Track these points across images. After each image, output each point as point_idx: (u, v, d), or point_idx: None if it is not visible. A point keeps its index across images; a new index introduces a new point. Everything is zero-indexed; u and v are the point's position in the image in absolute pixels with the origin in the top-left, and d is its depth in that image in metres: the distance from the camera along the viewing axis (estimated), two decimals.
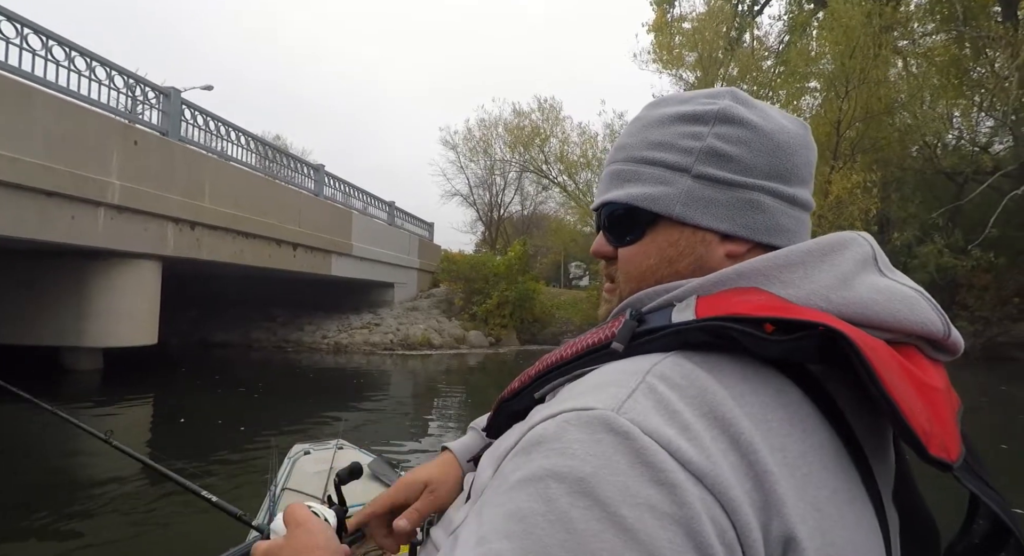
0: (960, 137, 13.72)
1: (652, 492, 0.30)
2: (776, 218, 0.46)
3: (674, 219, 0.47)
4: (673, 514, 0.29)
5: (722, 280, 0.42)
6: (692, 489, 0.30)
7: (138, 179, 7.77)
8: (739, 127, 0.46)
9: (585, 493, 0.30)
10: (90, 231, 7.21)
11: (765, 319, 0.37)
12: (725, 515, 0.31)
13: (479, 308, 16.44)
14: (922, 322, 0.40)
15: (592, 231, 10.66)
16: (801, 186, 0.47)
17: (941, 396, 0.38)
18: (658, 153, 0.48)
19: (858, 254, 0.42)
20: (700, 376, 0.36)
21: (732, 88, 0.49)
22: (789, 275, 0.40)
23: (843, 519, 0.35)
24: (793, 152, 0.46)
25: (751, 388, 0.36)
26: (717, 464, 0.32)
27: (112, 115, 7.56)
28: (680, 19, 17.65)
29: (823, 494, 0.35)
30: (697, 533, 0.29)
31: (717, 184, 0.46)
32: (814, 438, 0.37)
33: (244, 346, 14.18)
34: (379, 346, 14.23)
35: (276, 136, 36.99)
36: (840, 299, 0.39)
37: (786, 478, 0.33)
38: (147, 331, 8.55)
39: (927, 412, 0.36)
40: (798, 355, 0.37)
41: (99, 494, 4.02)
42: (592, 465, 0.31)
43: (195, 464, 4.88)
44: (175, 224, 8.67)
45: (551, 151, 16.87)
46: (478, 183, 27.04)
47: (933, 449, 0.34)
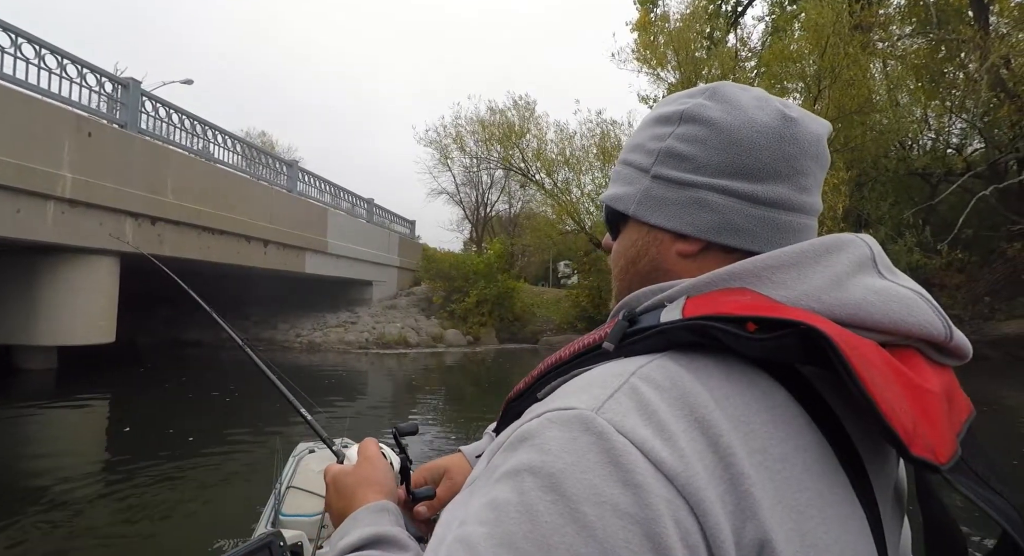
0: (935, 138, 13.85)
1: (617, 492, 0.31)
2: (727, 216, 0.45)
3: (631, 218, 0.49)
4: (635, 515, 0.30)
5: (714, 281, 0.41)
6: (659, 490, 0.31)
7: (92, 172, 7.53)
8: (699, 126, 0.46)
9: (553, 488, 0.31)
10: (38, 225, 6.96)
11: (747, 318, 0.36)
12: (693, 517, 0.31)
13: (457, 306, 16.31)
14: (920, 324, 0.39)
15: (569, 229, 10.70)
16: (775, 182, 0.45)
17: (936, 399, 0.37)
18: (633, 154, 0.50)
19: (854, 256, 0.41)
20: (684, 378, 0.36)
21: (718, 84, 0.48)
22: (782, 276, 0.40)
23: (826, 522, 0.35)
24: (755, 147, 0.44)
25: (736, 390, 0.36)
26: (691, 466, 0.32)
27: (63, 105, 7.31)
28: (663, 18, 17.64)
29: (804, 497, 0.35)
30: (657, 535, 0.30)
31: (671, 184, 0.46)
32: (798, 440, 0.36)
33: (215, 345, 13.92)
34: (353, 345, 14.04)
35: (261, 133, 36.60)
36: (833, 300, 0.38)
37: (764, 481, 0.33)
38: (103, 329, 8.31)
39: (913, 413, 0.35)
40: (781, 354, 0.36)
41: (84, 487, 3.96)
42: (564, 462, 0.32)
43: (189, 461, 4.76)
44: (134, 219, 8.43)
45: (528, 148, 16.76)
46: (464, 181, 26.91)
47: (916, 449, 0.34)
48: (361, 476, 0.59)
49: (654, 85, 16.04)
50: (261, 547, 1.10)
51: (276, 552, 1.11)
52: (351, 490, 0.58)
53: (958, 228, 11.17)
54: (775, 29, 17.51)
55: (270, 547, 1.11)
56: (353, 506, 0.55)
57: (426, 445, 5.32)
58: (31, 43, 6.93)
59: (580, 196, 15.67)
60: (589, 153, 15.67)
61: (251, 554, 1.08)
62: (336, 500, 0.59)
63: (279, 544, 1.13)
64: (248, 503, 3.37)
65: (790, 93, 14.66)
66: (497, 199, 28.64)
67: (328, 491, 0.61)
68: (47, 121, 6.92)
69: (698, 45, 16.28)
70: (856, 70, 11.95)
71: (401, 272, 19.05)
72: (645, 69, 15.18)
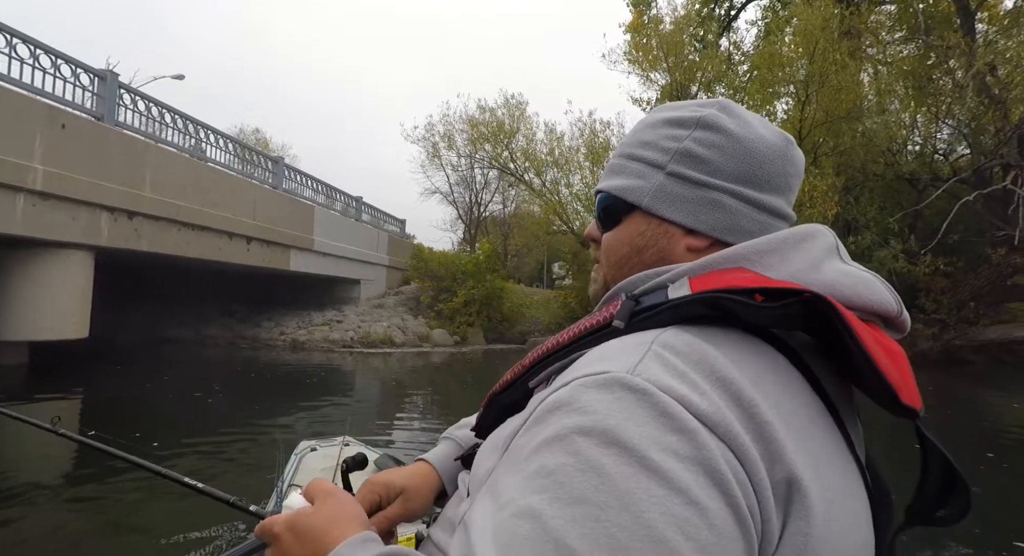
0: (923, 144, 13.89)
1: (674, 438, 0.33)
2: (737, 219, 0.49)
3: (643, 210, 0.51)
4: (695, 457, 0.33)
5: (710, 263, 0.45)
6: (707, 436, 0.34)
7: (66, 165, 7.39)
8: (716, 133, 0.50)
9: (612, 442, 0.33)
10: (7, 218, 6.82)
11: (755, 289, 0.40)
12: (736, 459, 0.34)
13: (445, 306, 16.21)
14: (879, 301, 0.44)
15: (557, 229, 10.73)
16: (774, 194, 0.50)
17: (904, 359, 0.43)
18: (643, 151, 0.53)
19: (824, 243, 0.46)
20: (700, 344, 0.39)
21: (724, 100, 0.52)
22: (768, 259, 0.44)
23: (834, 467, 0.39)
24: (765, 161, 0.49)
25: (746, 355, 0.40)
26: (726, 416, 0.35)
27: (34, 96, 7.17)
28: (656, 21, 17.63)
29: (815, 444, 0.39)
30: (717, 473, 0.33)
31: (686, 182, 0.50)
32: (801, 398, 0.40)
33: (197, 342, 13.76)
34: (338, 343, 13.91)
35: (255, 130, 36.34)
36: (812, 281, 0.43)
37: (784, 429, 0.37)
38: (76, 324, 8.15)
39: (894, 368, 0.40)
40: (787, 322, 0.40)
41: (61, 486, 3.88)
42: (616, 418, 0.34)
43: (179, 454, 4.66)
44: (110, 213, 8.29)
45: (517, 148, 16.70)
46: (458, 181, 26.79)
47: (904, 398, 0.39)
48: (327, 513, 0.47)
49: (644, 87, 16.04)
50: (263, 544, 1.08)
51: None
52: (321, 531, 0.45)
53: (942, 233, 11.20)
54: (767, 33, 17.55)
55: None
56: (329, 547, 0.43)
57: (412, 445, 5.25)
58: (2, 32, 6.79)
59: (569, 196, 15.63)
60: (578, 153, 15.63)
61: (253, 551, 1.08)
62: (299, 549, 0.45)
63: None
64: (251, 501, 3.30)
65: (780, 97, 14.69)
66: (491, 199, 28.56)
67: (281, 544, 0.47)
68: (16, 111, 6.78)
69: (691, 48, 16.28)
70: (845, 75, 11.96)
71: (390, 271, 18.93)
72: (636, 71, 15.15)
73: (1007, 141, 11.59)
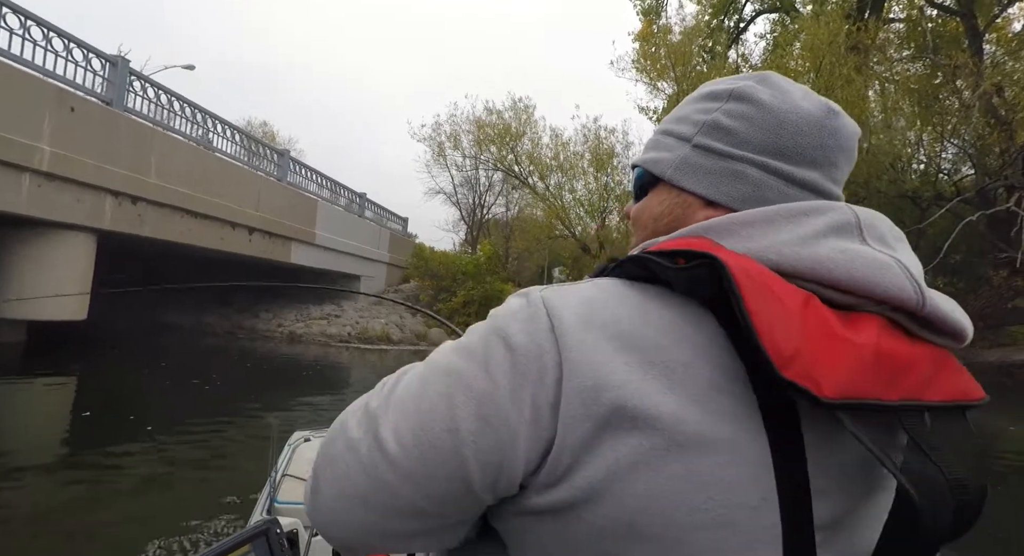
0: (927, 162, 13.88)
1: (517, 330, 0.40)
2: (761, 191, 0.47)
3: (666, 181, 0.52)
4: (518, 349, 0.39)
5: (682, 232, 0.45)
6: (547, 340, 0.39)
7: (73, 147, 7.47)
8: (747, 104, 0.48)
9: (487, 325, 0.43)
10: (11, 197, 6.89)
11: (678, 252, 0.41)
12: (559, 365, 0.38)
13: (444, 306, 16.23)
14: (885, 286, 0.39)
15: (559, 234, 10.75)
16: (808, 167, 0.47)
17: (852, 348, 0.36)
18: (676, 125, 0.53)
19: (833, 220, 0.42)
20: (614, 288, 0.42)
21: (768, 72, 0.51)
22: (750, 231, 0.42)
23: (707, 417, 0.37)
24: (799, 131, 0.47)
25: (658, 306, 0.40)
26: (578, 332, 0.38)
27: (45, 77, 7.26)
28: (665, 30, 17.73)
29: (699, 399, 0.37)
30: (525, 365, 0.39)
31: (711, 154, 0.49)
32: (713, 362, 0.38)
33: (195, 330, 13.81)
34: (335, 338, 13.94)
35: (263, 123, 36.58)
36: (793, 254, 0.40)
37: (650, 369, 0.37)
38: (75, 306, 8.22)
39: (802, 346, 0.35)
40: (697, 285, 0.39)
41: None
42: (502, 309, 0.43)
43: (174, 441, 4.67)
44: (114, 197, 8.37)
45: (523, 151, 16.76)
46: (462, 182, 26.85)
47: (788, 372, 0.34)
48: None
49: (652, 95, 16.09)
50: (258, 534, 1.09)
51: (273, 539, 1.09)
52: None
53: (943, 253, 11.16)
54: (775, 46, 17.61)
55: (267, 534, 1.09)
56: None
57: None
58: (16, 13, 6.89)
59: (572, 201, 15.66)
60: (583, 159, 15.67)
61: (248, 541, 1.08)
62: None
63: (276, 531, 1.11)
64: (236, 492, 3.33)
65: None
66: (494, 202, 28.61)
67: None
68: (27, 92, 6.87)
69: (699, 59, 16.34)
70: (851, 90, 11.99)
71: (390, 268, 18.97)
72: (644, 79, 15.22)
73: (1012, 162, 11.58)
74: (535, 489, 0.39)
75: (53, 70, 7.41)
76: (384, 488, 0.40)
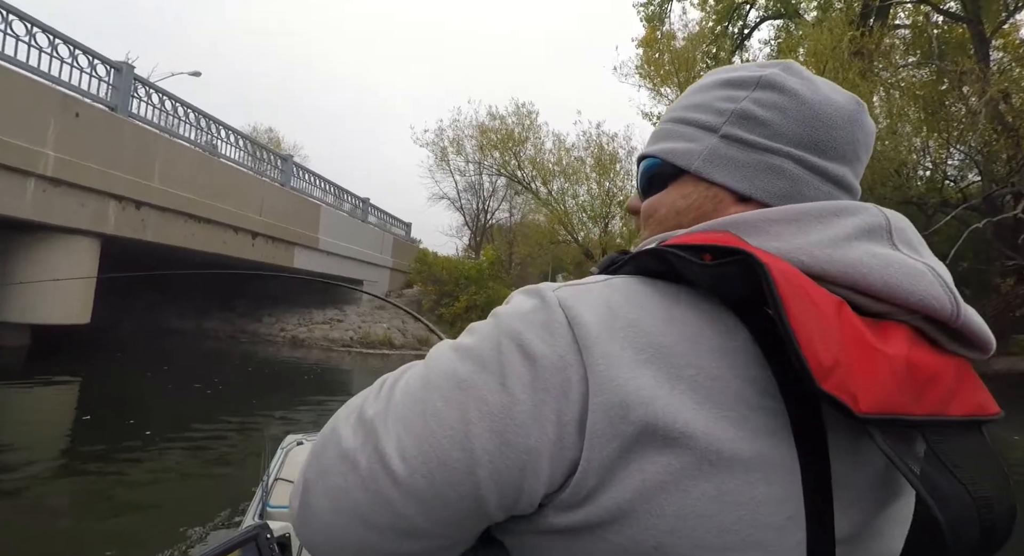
0: (933, 169, 13.79)
1: (534, 339, 0.37)
2: (799, 187, 0.45)
3: (693, 173, 0.47)
4: (538, 358, 0.36)
5: (704, 226, 0.42)
6: (568, 349, 0.36)
7: (77, 152, 7.53)
8: (779, 93, 0.46)
9: (496, 324, 0.39)
10: (16, 202, 6.95)
11: (704, 247, 0.37)
12: (584, 378, 0.35)
13: (446, 310, 16.24)
14: (920, 295, 0.37)
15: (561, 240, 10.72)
16: (839, 162, 0.46)
17: (885, 359, 0.35)
18: (694, 113, 0.49)
19: (863, 222, 0.40)
20: (641, 290, 0.38)
21: (789, 61, 0.49)
22: (779, 229, 0.40)
23: (738, 433, 0.35)
24: (834, 125, 0.45)
25: (684, 311, 0.37)
26: (602, 342, 0.35)
27: (50, 84, 7.33)
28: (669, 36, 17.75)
29: (726, 413, 0.35)
30: (546, 378, 0.36)
31: (742, 145, 0.46)
32: (741, 373, 0.36)
33: (198, 334, 13.86)
34: (337, 342, 13.96)
35: (268, 128, 36.86)
36: (825, 256, 0.38)
37: (679, 383, 0.35)
38: (78, 310, 8.26)
39: (841, 356, 0.33)
40: (725, 283, 0.36)
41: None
42: (512, 309, 0.40)
43: (172, 445, 4.68)
44: (118, 202, 8.42)
45: (525, 156, 16.77)
46: (466, 187, 26.91)
47: (826, 384, 0.32)
48: None
49: (655, 101, 16.08)
50: (247, 539, 1.08)
51: (263, 544, 1.08)
52: None
53: (949, 260, 11.04)
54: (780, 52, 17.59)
55: (256, 539, 1.08)
56: None
57: None
58: (22, 21, 6.97)
59: (575, 207, 15.64)
60: (585, 164, 15.66)
61: (238, 546, 1.06)
62: None
63: (266, 536, 1.10)
64: (233, 496, 3.32)
65: None
66: (498, 207, 28.64)
67: None
68: (32, 98, 6.93)
69: (703, 65, 16.34)
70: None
71: (393, 273, 19.00)
72: (647, 85, 15.22)
73: (1019, 169, 11.49)
74: (555, 508, 0.36)
75: (59, 76, 7.48)
76: (386, 506, 0.37)
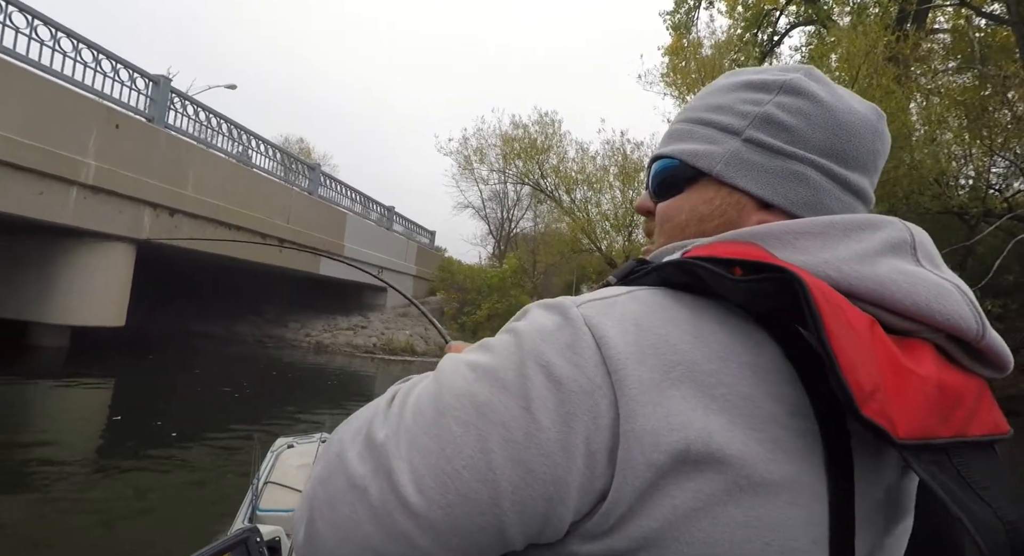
0: (976, 177, 13.20)
1: (561, 361, 0.35)
2: (820, 196, 0.44)
3: (714, 177, 0.46)
4: (565, 381, 0.34)
5: (727, 236, 0.41)
6: (597, 372, 0.34)
7: (117, 161, 7.87)
8: (803, 99, 0.45)
9: (517, 344, 0.37)
10: (59, 208, 7.29)
11: (735, 261, 0.36)
12: (614, 405, 0.33)
13: (468, 318, 16.27)
14: (947, 314, 0.36)
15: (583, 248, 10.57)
16: (859, 172, 0.46)
17: (920, 382, 0.34)
18: (715, 115, 0.48)
19: (889, 237, 0.39)
20: (663, 301, 0.37)
21: (810, 66, 0.48)
22: (805, 242, 0.39)
23: (769, 456, 0.34)
24: (856, 134, 0.45)
25: (716, 327, 0.36)
26: (631, 365, 0.34)
27: (94, 97, 7.70)
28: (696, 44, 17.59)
29: (764, 436, 0.34)
30: (575, 403, 0.34)
31: (766, 150, 0.45)
32: (775, 392, 0.35)
33: (226, 339, 14.22)
34: (360, 348, 14.12)
35: (300, 139, 37.98)
36: (854, 272, 0.37)
37: (716, 409, 0.34)
38: (115, 313, 8.58)
39: (879, 380, 0.33)
40: (758, 300, 0.35)
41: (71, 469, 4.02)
42: (533, 327, 0.37)
43: (190, 446, 4.80)
44: (153, 209, 8.75)
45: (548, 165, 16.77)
46: (491, 196, 27.06)
47: (867, 410, 0.32)
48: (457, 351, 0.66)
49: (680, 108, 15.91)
50: (237, 543, 1.08)
51: (253, 548, 1.08)
52: None
53: (993, 273, 10.53)
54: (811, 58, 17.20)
55: (246, 543, 1.08)
56: None
57: None
58: (70, 38, 7.36)
59: (597, 216, 15.53)
60: (608, 173, 15.57)
61: (227, 550, 1.06)
62: None
63: (256, 540, 1.10)
64: (228, 499, 3.35)
65: None
66: (522, 216, 28.70)
67: None
68: (77, 110, 7.29)
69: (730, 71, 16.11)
70: (890, 102, 11.56)
71: (417, 281, 19.19)
72: (673, 93, 15.08)
73: None
74: (580, 536, 0.35)
75: (101, 89, 7.86)
76: (400, 539, 0.35)
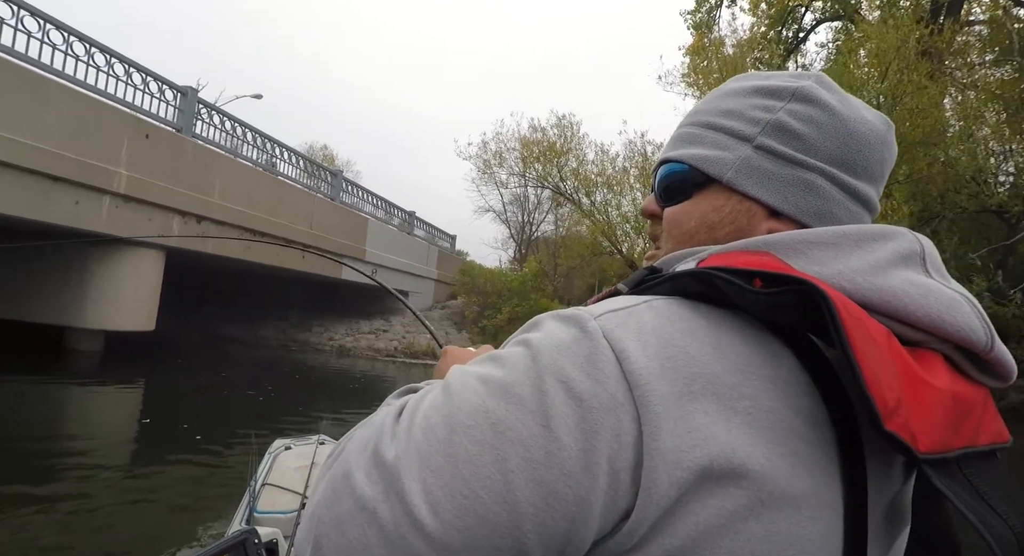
0: (1016, 175, 12.62)
1: (580, 377, 0.33)
2: (829, 205, 0.45)
3: (724, 184, 0.46)
4: (586, 397, 0.33)
5: (741, 245, 0.41)
6: (618, 388, 0.33)
7: (146, 171, 8.12)
8: (814, 107, 0.45)
9: (533, 357, 0.35)
10: (93, 217, 7.55)
11: (755, 273, 0.36)
12: (637, 421, 0.33)
13: (489, 322, 16.27)
14: (958, 325, 0.37)
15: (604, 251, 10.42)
16: (868, 182, 0.46)
17: (937, 395, 0.35)
18: (726, 120, 0.48)
19: (900, 248, 0.40)
20: (681, 313, 0.36)
21: (821, 73, 0.48)
22: (818, 252, 0.39)
23: (791, 470, 0.34)
24: (866, 144, 0.45)
25: (733, 339, 0.36)
26: (653, 381, 0.33)
27: (125, 108, 7.97)
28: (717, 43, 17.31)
29: (786, 450, 0.34)
30: (596, 420, 0.32)
31: (777, 158, 0.45)
32: (794, 404, 0.35)
33: (252, 343, 14.53)
34: (382, 352, 14.26)
35: (324, 146, 38.69)
36: (867, 284, 0.37)
37: (738, 422, 0.33)
38: (145, 317, 8.84)
39: (899, 394, 0.33)
40: (780, 313, 0.35)
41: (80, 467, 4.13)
42: (549, 341, 0.35)
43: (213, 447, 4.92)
44: (181, 216, 9.00)
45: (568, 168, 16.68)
46: (512, 200, 27.08)
47: (890, 424, 0.32)
48: (454, 356, 0.63)
49: None
50: (235, 544, 1.08)
51: (251, 549, 1.08)
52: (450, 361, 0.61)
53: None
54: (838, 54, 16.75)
55: (244, 544, 1.08)
56: None
57: None
58: (103, 52, 7.64)
59: (618, 218, 15.38)
60: (629, 174, 15.42)
61: (225, 552, 1.07)
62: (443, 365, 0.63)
63: (253, 541, 1.10)
64: (225, 501, 3.41)
65: None
66: (543, 219, 28.63)
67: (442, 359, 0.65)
68: (110, 122, 7.56)
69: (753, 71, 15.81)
70: (923, 98, 11.15)
71: (438, 285, 19.30)
72: (694, 93, 14.85)
73: None
74: (601, 554, 0.34)
75: (132, 101, 8.13)
76: None
